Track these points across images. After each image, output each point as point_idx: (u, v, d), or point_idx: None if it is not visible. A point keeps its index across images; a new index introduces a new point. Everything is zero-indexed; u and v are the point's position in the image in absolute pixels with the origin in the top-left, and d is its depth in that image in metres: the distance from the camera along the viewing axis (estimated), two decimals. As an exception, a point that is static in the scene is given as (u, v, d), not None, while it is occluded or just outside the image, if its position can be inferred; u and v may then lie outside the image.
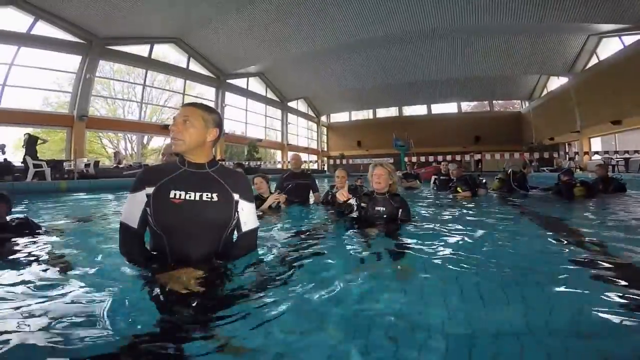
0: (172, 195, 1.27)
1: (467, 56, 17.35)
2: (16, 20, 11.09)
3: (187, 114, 1.33)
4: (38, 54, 11.80)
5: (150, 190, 1.29)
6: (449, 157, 13.37)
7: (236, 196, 1.39)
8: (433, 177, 7.02)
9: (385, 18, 13.44)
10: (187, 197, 1.28)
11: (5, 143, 9.16)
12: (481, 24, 13.44)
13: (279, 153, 24.92)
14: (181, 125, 1.31)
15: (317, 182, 4.32)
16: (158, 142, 19.59)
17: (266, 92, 23.07)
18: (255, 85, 22.21)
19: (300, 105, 27.12)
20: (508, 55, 16.98)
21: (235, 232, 1.45)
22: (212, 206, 1.32)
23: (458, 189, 4.96)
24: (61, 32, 12.21)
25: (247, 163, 16.22)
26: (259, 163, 17.31)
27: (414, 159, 14.16)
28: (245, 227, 1.43)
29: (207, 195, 1.32)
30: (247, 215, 1.44)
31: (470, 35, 15.40)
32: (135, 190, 1.31)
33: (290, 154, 5.09)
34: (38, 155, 8.73)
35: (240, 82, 20.59)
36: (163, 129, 15.98)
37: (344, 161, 24.32)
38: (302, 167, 4.49)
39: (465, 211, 3.55)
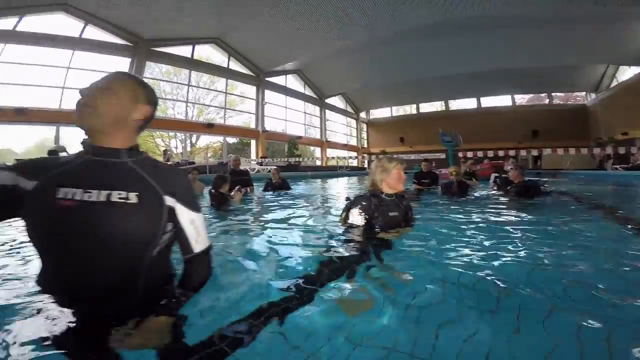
0: (60, 195, 0.84)
1: (520, 46, 15.75)
2: (68, 25, 11.96)
3: (112, 77, 0.94)
4: (91, 57, 12.59)
5: (27, 184, 0.86)
6: (501, 153, 12.32)
7: (169, 200, 0.93)
8: (493, 176, 6.31)
9: (425, 7, 12.26)
10: (87, 198, 0.84)
11: (66, 144, 9.65)
12: (535, 11, 12.08)
13: (318, 150, 24.83)
14: (98, 90, 0.91)
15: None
16: (204, 140, 20.43)
17: (304, 89, 23.02)
18: (294, 82, 22.25)
19: (339, 102, 26.75)
20: (568, 44, 15.23)
21: (182, 255, 1.00)
22: (126, 211, 0.86)
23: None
24: (109, 35, 12.98)
25: (287, 160, 16.45)
26: (298, 160, 17.31)
27: (469, 154, 13.13)
28: (197, 247, 0.99)
29: (119, 194, 0.86)
30: (196, 229, 0.98)
31: (522, 24, 13.76)
32: None
33: (232, 156, 6.05)
34: None
35: (279, 80, 20.72)
36: (207, 128, 16.64)
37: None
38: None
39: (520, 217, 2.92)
